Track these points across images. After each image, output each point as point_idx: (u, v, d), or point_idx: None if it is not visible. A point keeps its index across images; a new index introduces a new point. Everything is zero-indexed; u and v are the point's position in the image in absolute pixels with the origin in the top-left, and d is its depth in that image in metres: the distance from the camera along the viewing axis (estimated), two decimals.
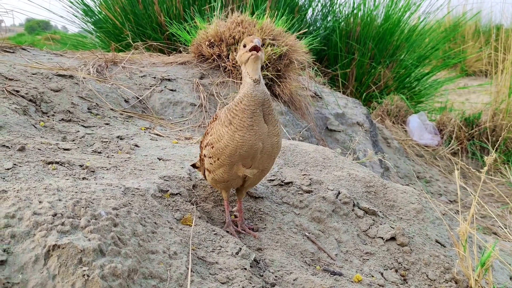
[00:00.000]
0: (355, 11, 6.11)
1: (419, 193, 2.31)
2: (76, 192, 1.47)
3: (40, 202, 1.36)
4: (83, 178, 1.74)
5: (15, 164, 1.71)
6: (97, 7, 5.50)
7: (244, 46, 1.56)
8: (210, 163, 1.65)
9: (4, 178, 1.59)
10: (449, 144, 5.37)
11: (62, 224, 1.30)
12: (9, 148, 1.84)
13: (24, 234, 1.26)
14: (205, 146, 1.67)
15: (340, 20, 6.15)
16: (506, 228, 3.50)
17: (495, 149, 4.50)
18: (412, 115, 5.61)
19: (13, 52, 3.32)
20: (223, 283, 1.44)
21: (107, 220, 1.37)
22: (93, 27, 5.81)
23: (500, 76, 5.52)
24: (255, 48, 1.51)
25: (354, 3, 6.13)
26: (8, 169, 1.66)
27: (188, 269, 1.41)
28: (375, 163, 4.00)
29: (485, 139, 5.25)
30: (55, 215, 1.32)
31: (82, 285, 1.18)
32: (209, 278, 1.44)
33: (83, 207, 1.39)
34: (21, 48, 3.50)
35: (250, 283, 1.47)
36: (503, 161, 5.10)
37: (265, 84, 1.56)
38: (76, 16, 5.77)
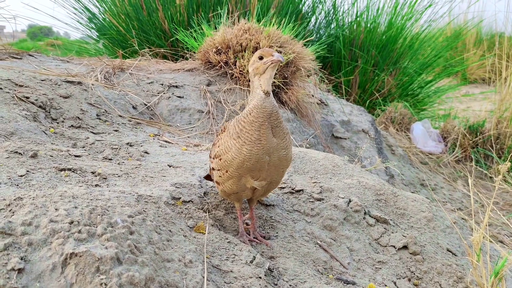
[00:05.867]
0: (358, 19, 6.13)
1: (430, 201, 2.30)
2: (91, 200, 1.47)
3: (56, 209, 1.36)
4: (96, 185, 1.73)
5: (28, 171, 1.71)
6: (102, 14, 5.52)
7: (261, 58, 1.57)
8: (219, 176, 1.66)
9: (18, 185, 1.58)
10: (453, 151, 5.36)
11: (79, 232, 1.29)
12: (21, 154, 1.84)
13: (41, 242, 1.25)
14: (214, 158, 1.67)
15: (344, 28, 6.17)
16: None
17: (508, 159, 4.48)
18: (416, 123, 5.60)
19: (20, 58, 3.32)
20: None
21: (123, 228, 1.36)
22: (97, 34, 5.82)
23: (504, 84, 5.52)
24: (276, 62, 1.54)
25: (357, 11, 6.16)
26: (21, 175, 1.66)
27: (203, 277, 1.40)
28: (381, 170, 3.99)
29: (489, 147, 5.24)
30: (71, 222, 1.31)
31: None
32: (224, 287, 1.43)
33: (99, 215, 1.38)
34: (28, 54, 3.51)
35: None
36: (507, 169, 5.08)
37: (272, 91, 1.57)
38: (80, 23, 5.79)
